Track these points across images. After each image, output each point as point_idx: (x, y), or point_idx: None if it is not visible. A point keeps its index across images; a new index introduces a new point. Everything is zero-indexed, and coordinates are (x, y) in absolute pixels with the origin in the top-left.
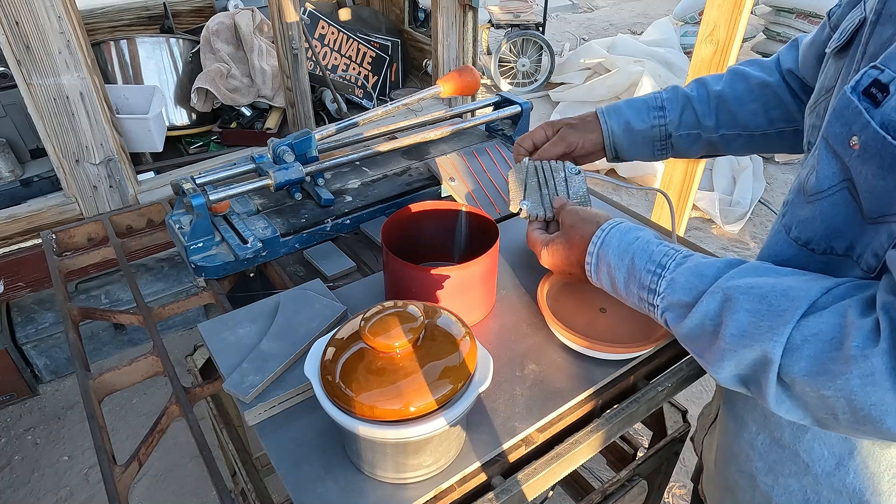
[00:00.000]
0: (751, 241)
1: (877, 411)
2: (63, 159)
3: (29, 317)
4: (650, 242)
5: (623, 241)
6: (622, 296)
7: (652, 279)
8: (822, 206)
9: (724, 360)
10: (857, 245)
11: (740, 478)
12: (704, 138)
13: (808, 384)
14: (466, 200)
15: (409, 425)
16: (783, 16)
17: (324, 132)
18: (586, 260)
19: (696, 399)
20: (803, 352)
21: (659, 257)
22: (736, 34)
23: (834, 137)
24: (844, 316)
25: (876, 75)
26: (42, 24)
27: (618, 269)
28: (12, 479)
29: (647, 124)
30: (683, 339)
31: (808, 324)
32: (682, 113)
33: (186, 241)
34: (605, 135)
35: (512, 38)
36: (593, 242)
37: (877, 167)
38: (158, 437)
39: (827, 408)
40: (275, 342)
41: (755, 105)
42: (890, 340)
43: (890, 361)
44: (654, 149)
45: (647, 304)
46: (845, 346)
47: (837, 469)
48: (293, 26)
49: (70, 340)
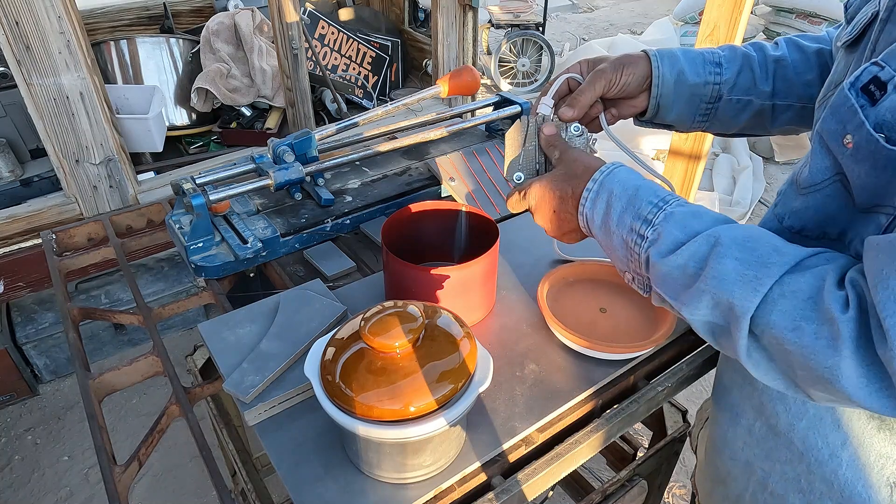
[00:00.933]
0: None
1: (829, 374)
2: (63, 159)
3: (29, 317)
4: (656, 186)
5: (631, 175)
6: (610, 229)
7: (651, 210)
8: (815, 197)
9: (701, 302)
10: (850, 231)
11: (733, 466)
12: (756, 105)
13: (776, 336)
14: (466, 200)
15: (409, 425)
16: (783, 16)
17: (324, 132)
18: (587, 187)
19: (696, 399)
20: (777, 305)
21: (663, 194)
22: (736, 34)
23: (828, 133)
24: (823, 279)
25: (876, 72)
26: (42, 24)
27: (619, 197)
28: (12, 479)
29: (701, 79)
30: (662, 277)
31: (789, 280)
32: (740, 74)
33: (186, 241)
34: (655, 81)
35: (512, 38)
36: (601, 171)
37: (870, 167)
38: (158, 437)
39: (787, 363)
40: (275, 342)
41: (812, 74)
42: (857, 310)
43: (855, 330)
44: (697, 111)
45: (637, 235)
46: (819, 308)
47: (830, 459)
48: (293, 26)
49: (70, 340)
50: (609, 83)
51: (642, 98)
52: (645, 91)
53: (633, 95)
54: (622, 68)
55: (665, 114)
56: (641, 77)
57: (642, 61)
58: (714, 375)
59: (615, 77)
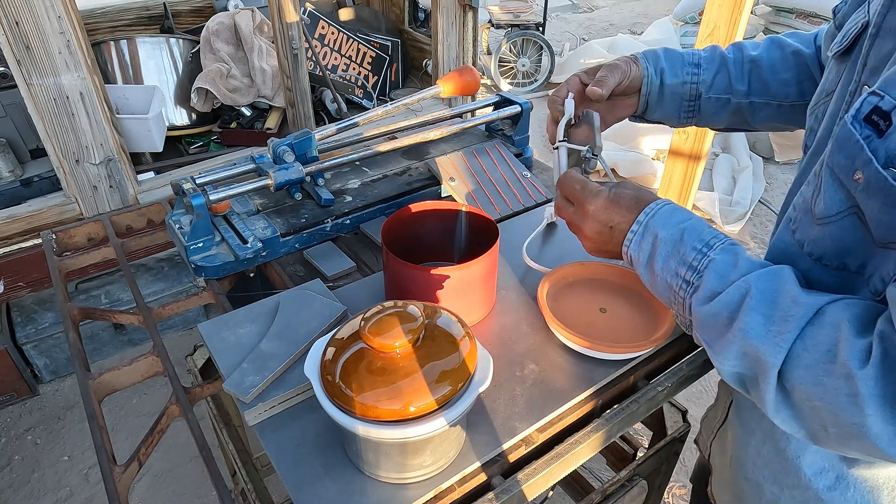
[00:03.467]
0: (751, 241)
1: (857, 430)
2: (63, 159)
3: (29, 317)
4: (701, 223)
5: (675, 217)
6: (654, 271)
7: (696, 256)
8: (831, 229)
9: (730, 353)
10: (869, 264)
11: (747, 486)
12: (734, 104)
13: (805, 392)
14: (466, 200)
15: (409, 425)
16: (783, 16)
17: (324, 132)
18: (631, 228)
19: (697, 399)
20: (801, 360)
21: (708, 237)
22: (736, 34)
23: (838, 168)
24: (840, 330)
25: (876, 102)
26: (42, 24)
27: (665, 242)
28: (12, 479)
29: (679, 79)
30: (700, 323)
31: (810, 333)
32: (717, 74)
33: (186, 241)
34: (645, 80)
35: (512, 38)
36: (645, 212)
37: (882, 203)
38: (158, 437)
39: (819, 419)
40: (275, 342)
41: (788, 74)
42: (878, 368)
43: (875, 388)
44: (681, 109)
45: (682, 280)
46: (837, 363)
47: (838, 483)
48: (293, 26)
49: (70, 340)
50: (623, 75)
51: (636, 97)
52: (637, 90)
53: (633, 93)
54: (629, 65)
55: (652, 111)
56: (639, 76)
57: (635, 63)
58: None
59: (627, 71)
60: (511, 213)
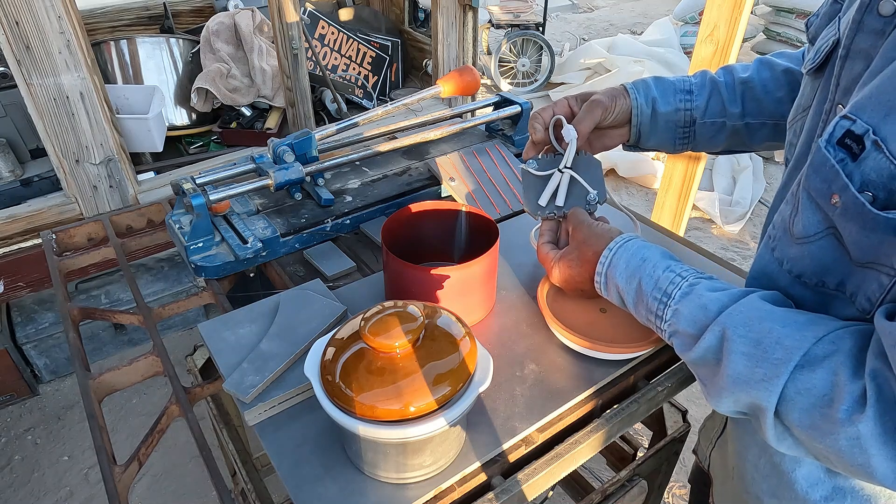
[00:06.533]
0: (751, 241)
1: (863, 470)
2: (63, 159)
3: (29, 317)
4: (656, 266)
5: (630, 264)
6: (633, 313)
7: (658, 307)
8: (810, 248)
9: (723, 398)
10: (848, 283)
11: (748, 498)
12: (729, 127)
13: (804, 434)
14: (466, 200)
15: (409, 425)
16: (783, 16)
17: (324, 132)
18: (595, 279)
19: (697, 399)
20: (796, 404)
21: (665, 285)
22: (736, 34)
23: (815, 191)
24: (836, 374)
25: (848, 126)
26: (42, 24)
27: (626, 292)
28: (12, 479)
29: (671, 107)
30: (690, 365)
31: (801, 378)
32: (710, 99)
33: (186, 241)
34: (634, 111)
35: (512, 38)
36: (601, 262)
37: (860, 226)
38: (158, 437)
39: (823, 457)
40: (275, 342)
41: (781, 92)
42: (876, 408)
43: (875, 428)
44: (676, 136)
45: (655, 326)
46: (834, 408)
47: (834, 494)
48: (293, 26)
49: (70, 340)
50: (605, 111)
51: (626, 128)
52: (627, 121)
53: (622, 125)
54: (614, 99)
55: (646, 140)
56: (627, 108)
57: (623, 95)
58: None
59: (611, 106)
60: (511, 213)
